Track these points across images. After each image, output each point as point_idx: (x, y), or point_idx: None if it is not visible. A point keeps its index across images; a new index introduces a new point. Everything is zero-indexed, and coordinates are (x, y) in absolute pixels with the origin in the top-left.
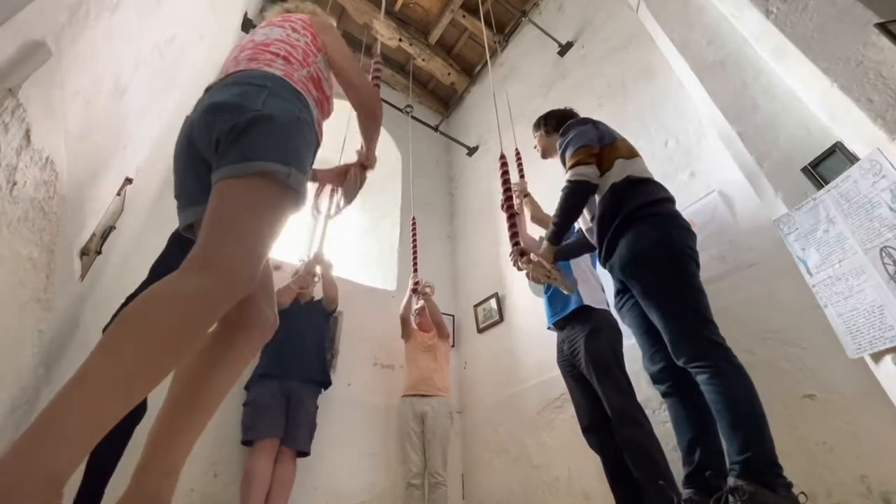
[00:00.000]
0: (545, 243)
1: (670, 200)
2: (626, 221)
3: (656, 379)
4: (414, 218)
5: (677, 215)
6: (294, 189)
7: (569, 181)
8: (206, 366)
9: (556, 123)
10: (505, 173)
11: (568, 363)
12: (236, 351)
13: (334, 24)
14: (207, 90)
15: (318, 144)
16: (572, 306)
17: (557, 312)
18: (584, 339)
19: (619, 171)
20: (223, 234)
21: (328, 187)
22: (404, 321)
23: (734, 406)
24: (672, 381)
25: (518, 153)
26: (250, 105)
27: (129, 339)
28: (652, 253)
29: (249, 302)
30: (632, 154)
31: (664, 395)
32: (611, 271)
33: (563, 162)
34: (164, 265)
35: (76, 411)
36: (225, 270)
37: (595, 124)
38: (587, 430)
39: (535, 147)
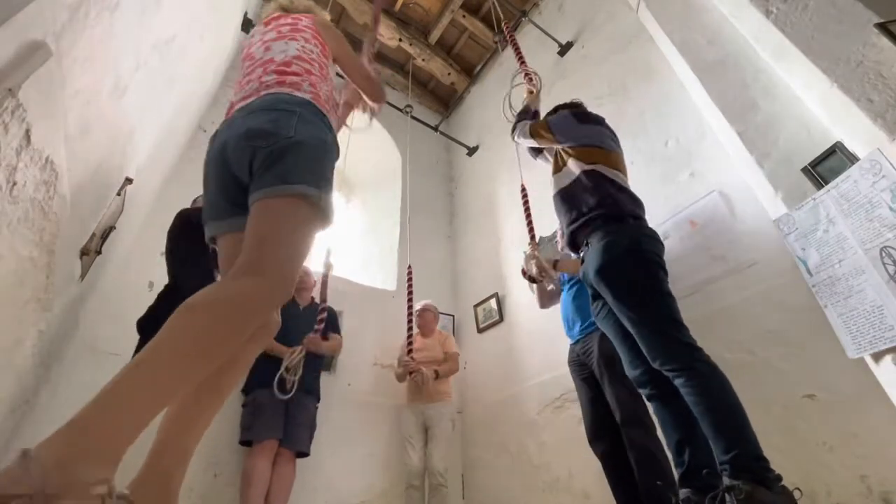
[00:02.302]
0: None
1: (637, 205)
2: (592, 215)
3: (639, 383)
4: (410, 267)
5: (644, 222)
6: (323, 210)
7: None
8: (221, 364)
9: (553, 112)
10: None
11: (579, 363)
12: (248, 348)
13: (328, 18)
14: (238, 112)
15: (336, 159)
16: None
17: (578, 326)
18: (598, 339)
19: (592, 166)
20: (268, 245)
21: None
22: (399, 377)
23: (713, 406)
24: (653, 384)
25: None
26: (284, 132)
27: (194, 326)
28: (621, 262)
29: None
30: (615, 167)
31: (648, 398)
32: (584, 279)
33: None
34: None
35: (141, 386)
36: (275, 275)
37: (581, 122)
38: (592, 437)
39: None
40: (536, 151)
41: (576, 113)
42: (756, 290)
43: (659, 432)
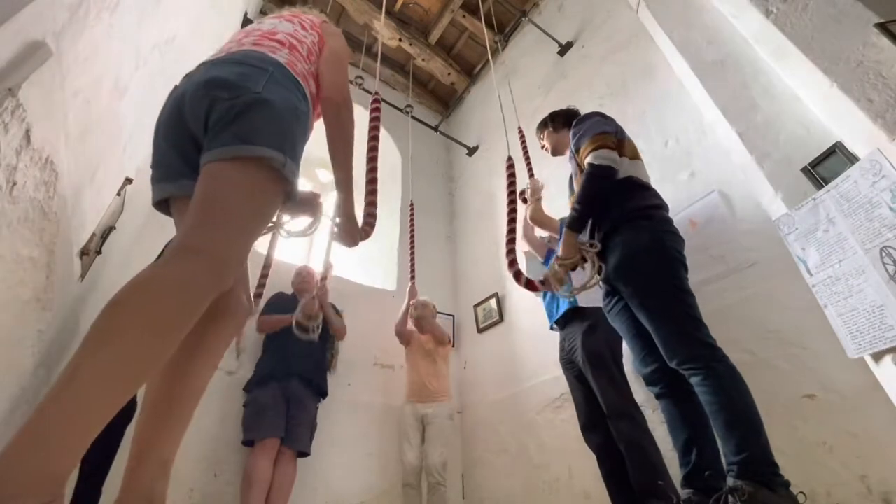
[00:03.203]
0: (566, 230)
1: (663, 207)
2: (621, 222)
3: (649, 381)
4: (412, 204)
5: (669, 220)
6: (287, 178)
7: (592, 164)
8: (184, 355)
9: (563, 120)
10: (511, 175)
11: (568, 360)
12: (213, 339)
13: (340, 32)
14: (202, 64)
15: (307, 138)
16: (565, 306)
17: (553, 314)
18: (581, 336)
19: (623, 169)
20: (213, 219)
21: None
22: (399, 334)
23: (729, 406)
24: (665, 382)
25: (525, 146)
26: (251, 86)
27: (116, 330)
28: (643, 257)
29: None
30: (635, 156)
31: (658, 396)
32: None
33: (575, 152)
34: None
35: (71, 406)
36: (215, 257)
37: (607, 118)
38: (585, 429)
39: (542, 147)
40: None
41: (592, 115)
42: (756, 290)
43: (661, 432)
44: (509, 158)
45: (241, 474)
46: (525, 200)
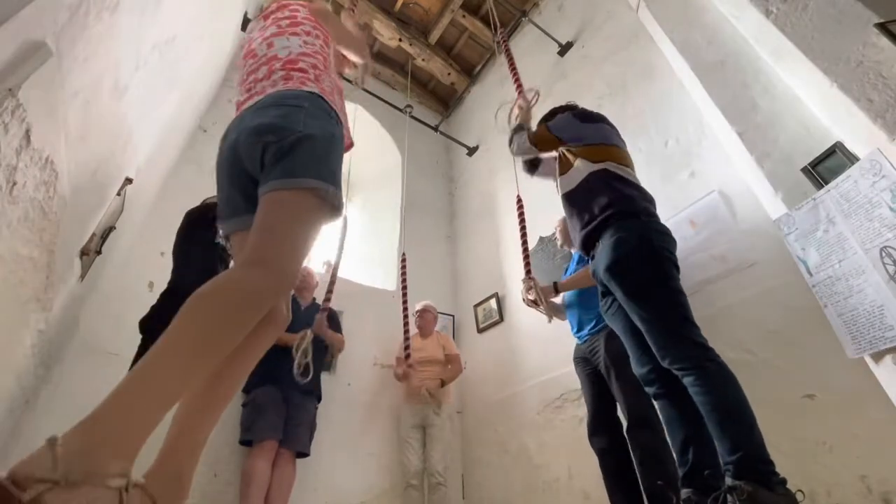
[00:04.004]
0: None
1: (648, 201)
2: (605, 215)
3: (646, 381)
4: (405, 257)
5: (656, 218)
6: (330, 203)
7: (518, 133)
8: (230, 355)
9: (550, 116)
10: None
11: (584, 360)
12: (256, 342)
13: (328, 7)
14: (238, 106)
15: (342, 156)
16: (602, 321)
17: (585, 326)
18: (605, 338)
19: (601, 165)
20: (273, 237)
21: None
22: (398, 377)
23: (721, 406)
24: (661, 382)
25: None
26: (293, 127)
27: (198, 321)
28: (633, 257)
29: None
30: (622, 162)
31: (654, 396)
32: (594, 275)
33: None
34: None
35: (150, 384)
36: (278, 267)
37: (583, 121)
38: (591, 429)
39: None
40: (532, 166)
41: (576, 113)
42: (756, 290)
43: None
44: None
45: (240, 474)
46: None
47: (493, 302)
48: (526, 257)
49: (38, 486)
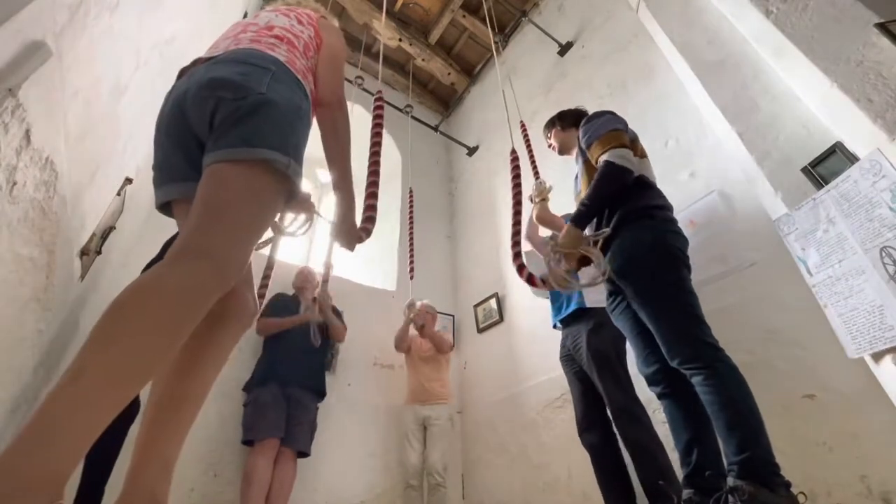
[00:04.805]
0: (569, 225)
1: (667, 207)
2: (625, 221)
3: (651, 381)
4: (411, 192)
5: (673, 220)
6: (291, 179)
7: (609, 163)
8: (189, 357)
9: (572, 119)
10: (516, 168)
11: (570, 358)
12: (219, 339)
13: (338, 27)
14: (196, 63)
15: (308, 136)
16: (573, 307)
17: (560, 311)
18: (587, 334)
19: (636, 169)
20: (217, 221)
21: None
22: (398, 347)
23: (730, 406)
24: (667, 382)
25: (528, 142)
26: (255, 87)
27: (121, 331)
28: (646, 256)
29: (231, 289)
30: (643, 154)
31: (660, 396)
32: (604, 274)
33: (586, 149)
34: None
35: (74, 407)
36: (218, 259)
37: (618, 117)
38: (581, 427)
39: (549, 146)
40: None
41: (603, 113)
42: (756, 290)
43: (662, 431)
44: (513, 151)
45: (240, 474)
46: (532, 201)
47: (493, 302)
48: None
49: None
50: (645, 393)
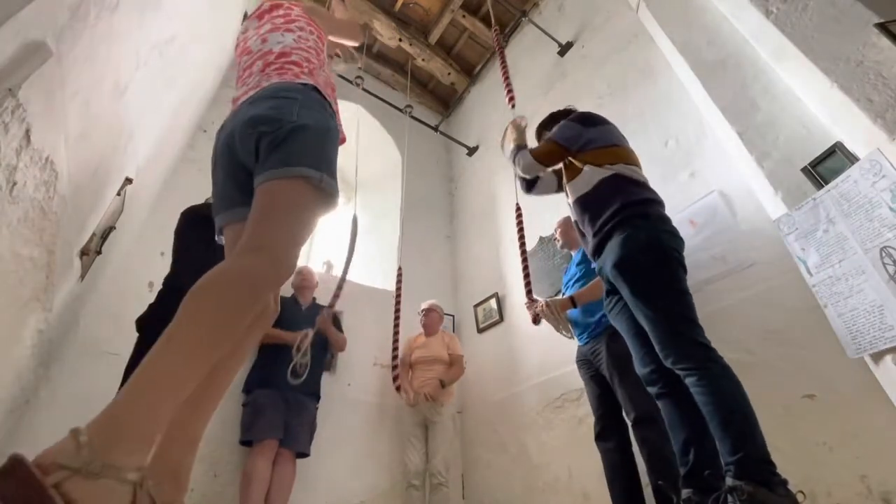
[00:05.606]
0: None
1: (659, 203)
2: (617, 219)
3: (648, 381)
4: (400, 270)
5: (666, 219)
6: (326, 191)
7: (517, 157)
8: None
9: (549, 121)
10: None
11: (586, 361)
12: (248, 334)
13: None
14: (242, 103)
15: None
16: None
17: (584, 335)
18: (606, 339)
19: (609, 168)
20: (271, 225)
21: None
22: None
23: (723, 406)
24: (664, 382)
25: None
26: (287, 117)
27: (202, 310)
28: (640, 256)
29: None
30: (629, 161)
31: (657, 396)
32: (599, 273)
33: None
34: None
35: (161, 377)
36: (275, 254)
37: (586, 125)
38: (599, 435)
39: None
40: (530, 185)
41: (577, 118)
42: (756, 290)
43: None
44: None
45: (240, 474)
46: (536, 321)
47: (493, 302)
48: (526, 276)
49: (60, 472)
50: None
